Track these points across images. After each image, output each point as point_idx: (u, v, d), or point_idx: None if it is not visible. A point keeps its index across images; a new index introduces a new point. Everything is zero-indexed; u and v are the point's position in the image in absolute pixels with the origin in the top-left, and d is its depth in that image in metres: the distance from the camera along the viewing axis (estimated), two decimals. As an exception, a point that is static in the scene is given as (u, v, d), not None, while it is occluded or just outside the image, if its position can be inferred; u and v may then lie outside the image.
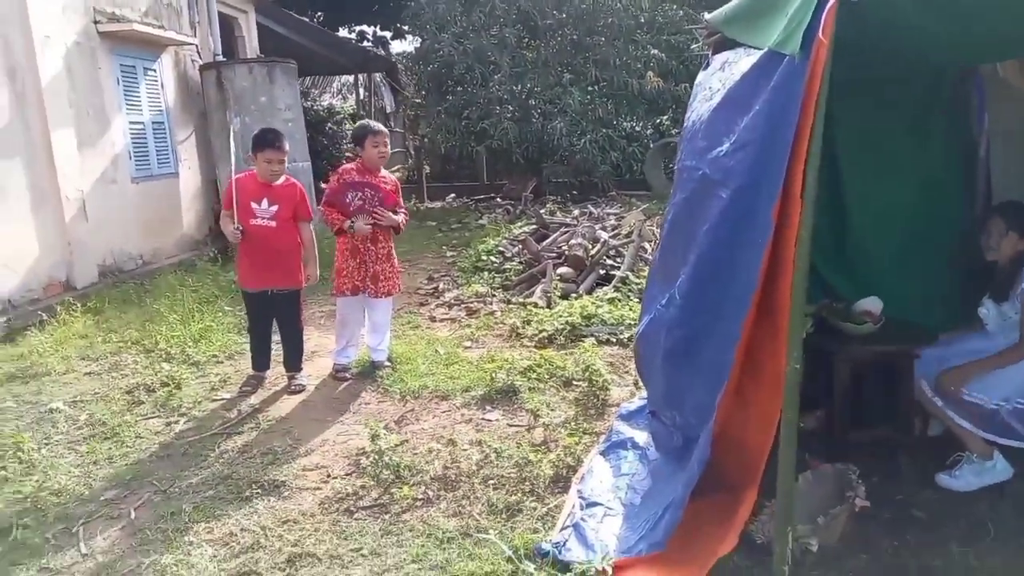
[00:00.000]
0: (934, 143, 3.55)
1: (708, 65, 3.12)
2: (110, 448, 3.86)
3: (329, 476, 3.47)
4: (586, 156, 13.08)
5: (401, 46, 24.03)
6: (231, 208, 4.39)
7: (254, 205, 4.35)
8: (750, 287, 2.22)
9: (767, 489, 2.44)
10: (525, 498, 3.11)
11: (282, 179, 4.46)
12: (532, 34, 14.09)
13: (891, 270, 3.55)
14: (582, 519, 2.80)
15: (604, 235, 7.33)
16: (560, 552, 2.60)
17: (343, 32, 21.91)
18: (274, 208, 4.36)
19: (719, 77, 2.78)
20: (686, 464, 2.55)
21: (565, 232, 7.75)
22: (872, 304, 3.30)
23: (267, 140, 4.38)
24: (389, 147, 4.66)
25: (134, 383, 4.77)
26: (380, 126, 4.61)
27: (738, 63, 2.63)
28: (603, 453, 3.40)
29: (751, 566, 2.50)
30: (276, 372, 4.81)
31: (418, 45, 16.76)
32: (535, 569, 2.56)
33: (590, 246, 6.96)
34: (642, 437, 3.40)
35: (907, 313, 3.38)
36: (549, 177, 14.14)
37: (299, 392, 4.56)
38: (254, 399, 4.48)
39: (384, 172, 4.69)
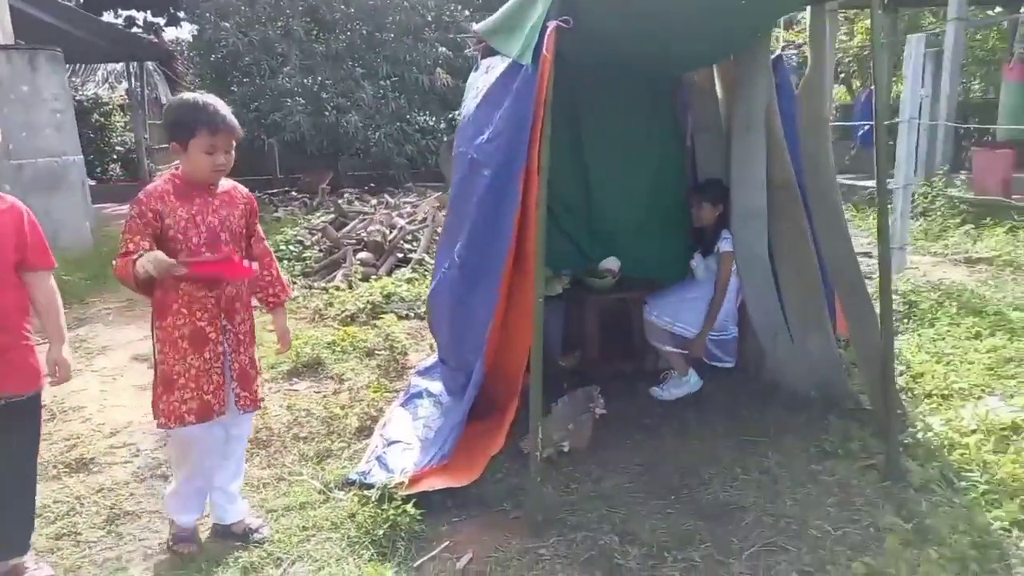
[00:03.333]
0: (658, 135, 4.43)
1: (478, 67, 3.73)
2: None
3: (139, 451, 3.61)
4: (382, 149, 13.43)
5: (176, 33, 22.67)
6: None
7: None
8: (507, 243, 2.85)
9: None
10: (333, 445, 3.52)
11: None
12: (321, 27, 14.12)
13: (627, 236, 4.41)
14: (383, 453, 3.27)
15: (400, 221, 7.80)
16: (365, 478, 3.06)
17: (108, 17, 20.23)
18: None
19: (483, 79, 3.40)
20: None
21: (363, 220, 8.12)
22: (612, 263, 4.15)
23: None
24: (233, 153, 2.55)
25: None
26: (219, 112, 2.46)
27: (496, 68, 3.27)
28: (402, 404, 3.88)
29: (519, 468, 3.14)
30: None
31: (195, 33, 16.03)
32: (343, 494, 3.01)
33: (388, 232, 7.40)
34: (436, 387, 3.93)
35: (640, 270, 4.25)
36: (346, 170, 14.31)
37: None
38: (45, 394, 4.36)
39: (228, 184, 2.68)
